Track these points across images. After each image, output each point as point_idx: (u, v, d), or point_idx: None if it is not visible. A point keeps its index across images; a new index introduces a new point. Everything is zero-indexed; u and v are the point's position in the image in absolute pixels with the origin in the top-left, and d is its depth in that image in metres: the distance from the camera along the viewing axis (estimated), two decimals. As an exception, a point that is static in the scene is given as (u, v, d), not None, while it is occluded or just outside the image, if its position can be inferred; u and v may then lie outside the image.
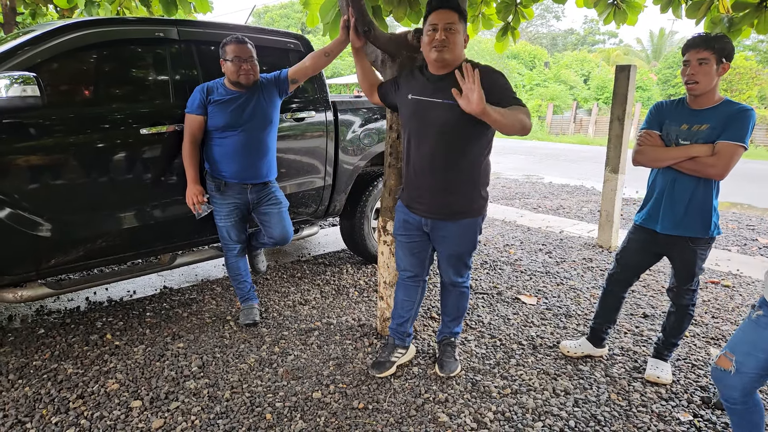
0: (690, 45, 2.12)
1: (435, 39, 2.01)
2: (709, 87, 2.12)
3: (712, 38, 2.07)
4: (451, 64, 2.06)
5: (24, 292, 2.54)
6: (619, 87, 4.47)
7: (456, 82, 1.92)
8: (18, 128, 2.31)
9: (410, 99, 2.16)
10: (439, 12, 2.01)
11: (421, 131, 2.13)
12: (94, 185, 2.56)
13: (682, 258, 2.32)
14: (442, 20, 2.00)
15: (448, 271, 2.37)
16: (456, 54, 2.05)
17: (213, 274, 3.83)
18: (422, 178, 2.17)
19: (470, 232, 2.25)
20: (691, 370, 2.59)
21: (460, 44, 2.05)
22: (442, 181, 2.13)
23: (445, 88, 2.01)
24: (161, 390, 2.31)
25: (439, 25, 2.00)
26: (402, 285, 2.47)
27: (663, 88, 24.56)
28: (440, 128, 2.07)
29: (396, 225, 2.39)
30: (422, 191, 2.20)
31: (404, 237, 2.35)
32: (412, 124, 2.17)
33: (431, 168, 2.13)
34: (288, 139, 3.28)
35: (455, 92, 1.86)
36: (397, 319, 2.52)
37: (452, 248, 2.28)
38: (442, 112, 2.05)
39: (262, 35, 3.26)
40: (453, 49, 2.03)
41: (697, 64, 2.09)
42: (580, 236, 5.14)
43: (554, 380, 2.46)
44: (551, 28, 41.89)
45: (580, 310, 3.27)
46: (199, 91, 2.66)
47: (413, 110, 2.15)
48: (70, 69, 2.53)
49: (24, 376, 2.40)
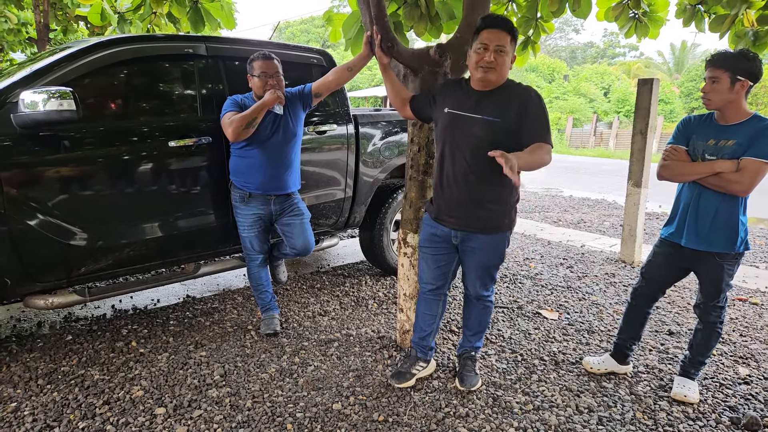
0: (707, 63, 2.16)
1: (483, 59, 2.00)
2: (721, 104, 2.13)
3: (727, 57, 2.09)
4: (494, 84, 2.07)
5: (55, 299, 2.61)
6: (642, 101, 4.44)
7: (497, 99, 2.01)
8: (53, 141, 2.40)
9: (447, 113, 2.15)
10: (493, 31, 1.98)
11: (456, 145, 2.13)
12: (124, 195, 2.63)
13: (708, 273, 2.29)
14: (493, 41, 1.99)
15: (476, 283, 2.36)
16: (502, 75, 2.05)
17: (234, 284, 3.87)
18: (455, 191, 2.16)
19: (500, 244, 2.25)
20: (719, 389, 2.53)
21: (507, 66, 2.05)
22: (476, 194, 2.14)
23: (485, 106, 2.04)
24: (184, 398, 2.34)
25: (490, 46, 1.99)
26: (423, 299, 2.48)
27: (686, 101, 24.23)
28: (477, 143, 2.07)
29: (422, 238, 2.39)
30: (454, 204, 2.19)
31: (430, 250, 2.35)
32: (447, 137, 2.16)
33: (465, 182, 2.13)
34: (310, 152, 3.33)
35: (499, 158, 1.81)
36: (419, 332, 2.52)
37: (481, 260, 2.27)
38: (479, 128, 2.06)
39: (287, 50, 3.33)
40: (500, 71, 2.03)
41: (710, 83, 2.12)
42: (602, 251, 5.08)
43: (577, 397, 2.43)
44: (570, 41, 41.78)
45: (603, 326, 3.23)
46: (231, 99, 2.72)
47: (449, 124, 2.14)
48: (103, 84, 2.62)
49: (52, 382, 2.45)
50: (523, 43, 3.94)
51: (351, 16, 3.06)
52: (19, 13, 9.54)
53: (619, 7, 3.58)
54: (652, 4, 3.59)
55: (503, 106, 2.04)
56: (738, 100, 2.12)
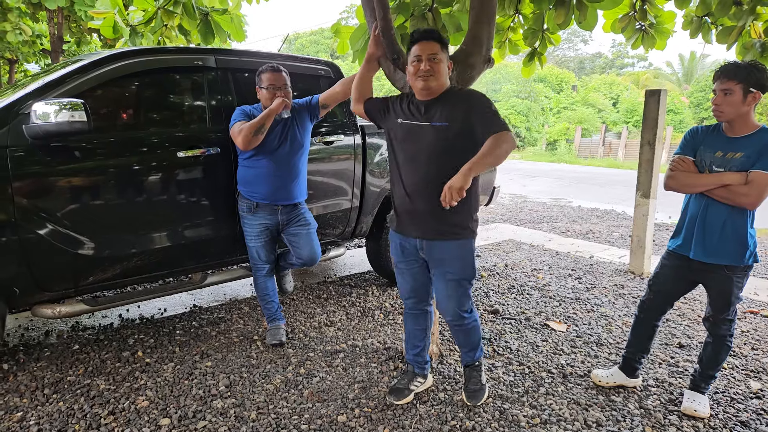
0: (717, 74, 2.13)
1: (420, 69, 2.09)
2: (733, 116, 2.11)
3: (739, 68, 2.07)
4: (437, 91, 2.14)
5: (62, 308, 2.62)
6: (650, 111, 4.42)
7: (442, 105, 2.09)
8: (64, 151, 2.43)
9: (400, 123, 2.22)
10: (423, 43, 2.10)
11: (412, 155, 2.18)
12: (132, 205, 2.66)
13: (717, 286, 2.26)
14: (425, 51, 2.08)
15: (450, 304, 2.27)
16: (441, 81, 2.12)
17: (241, 294, 3.88)
18: (416, 200, 2.18)
19: (468, 253, 2.22)
20: (731, 404, 2.49)
21: (444, 72, 2.13)
22: (436, 202, 2.12)
23: (433, 113, 2.11)
24: (189, 408, 2.34)
25: (423, 56, 2.09)
26: (409, 315, 2.47)
27: (695, 111, 24.10)
28: (431, 150, 2.12)
29: (393, 252, 2.40)
30: (416, 214, 2.21)
31: (404, 264, 2.35)
32: (402, 147, 2.22)
33: (426, 191, 2.15)
34: (317, 162, 3.35)
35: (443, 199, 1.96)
36: (413, 349, 2.50)
37: (451, 271, 2.22)
38: (431, 135, 2.12)
39: (295, 62, 3.36)
40: (438, 77, 2.11)
41: (722, 95, 2.10)
42: (610, 262, 5.04)
43: (585, 411, 2.40)
44: (578, 52, 41.77)
45: (612, 339, 3.19)
46: (240, 110, 2.75)
47: (403, 134, 2.20)
48: (114, 95, 2.66)
49: (58, 391, 2.46)
50: (530, 54, 3.95)
51: (358, 29, 3.09)
52: (34, 26, 9.73)
53: (626, 19, 3.58)
54: (659, 16, 3.58)
55: (450, 111, 2.10)
56: (749, 112, 2.11)
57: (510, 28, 3.85)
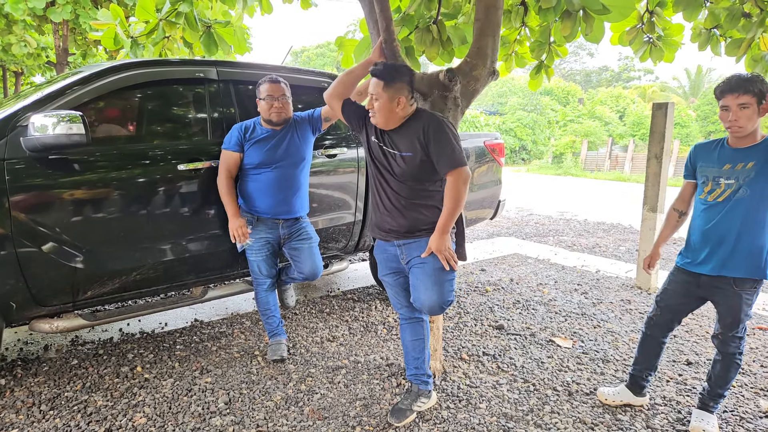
0: (727, 89, 2.07)
1: (368, 106, 2.23)
2: (753, 129, 2.10)
3: (751, 81, 2.04)
4: (392, 124, 2.19)
5: (60, 323, 2.60)
6: (656, 125, 4.38)
7: (403, 135, 2.17)
8: (62, 164, 2.42)
9: (374, 142, 2.28)
10: (370, 79, 2.19)
11: (383, 175, 2.27)
12: (132, 218, 2.63)
13: (726, 303, 2.21)
14: (370, 89, 2.17)
15: (432, 296, 2.19)
16: (384, 117, 2.16)
17: (243, 308, 3.85)
18: (392, 211, 2.27)
19: None
20: (740, 423, 2.41)
21: (384, 108, 2.15)
22: (409, 212, 2.24)
23: (397, 141, 2.19)
24: (187, 426, 2.29)
25: (371, 95, 2.17)
26: (406, 326, 2.45)
27: (702, 124, 24.01)
28: (399, 176, 2.21)
29: (379, 267, 2.42)
30: (391, 221, 2.27)
31: (391, 276, 2.39)
32: (378, 164, 2.28)
33: (397, 208, 2.24)
34: (320, 175, 3.33)
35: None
36: (413, 362, 2.45)
37: (431, 266, 2.19)
38: (398, 163, 2.19)
39: (298, 74, 3.36)
40: (379, 114, 2.15)
41: (739, 109, 2.05)
42: (617, 276, 4.97)
43: (591, 430, 2.33)
44: (585, 65, 41.83)
45: (619, 355, 3.12)
46: (237, 129, 2.74)
47: (377, 154, 2.28)
48: (114, 107, 2.65)
49: (55, 407, 2.42)
50: (537, 67, 3.93)
51: (362, 41, 3.09)
52: (39, 38, 9.85)
53: (634, 32, 3.56)
54: (667, 28, 3.56)
55: (410, 142, 2.17)
56: (758, 123, 2.10)
57: (516, 41, 3.84)
